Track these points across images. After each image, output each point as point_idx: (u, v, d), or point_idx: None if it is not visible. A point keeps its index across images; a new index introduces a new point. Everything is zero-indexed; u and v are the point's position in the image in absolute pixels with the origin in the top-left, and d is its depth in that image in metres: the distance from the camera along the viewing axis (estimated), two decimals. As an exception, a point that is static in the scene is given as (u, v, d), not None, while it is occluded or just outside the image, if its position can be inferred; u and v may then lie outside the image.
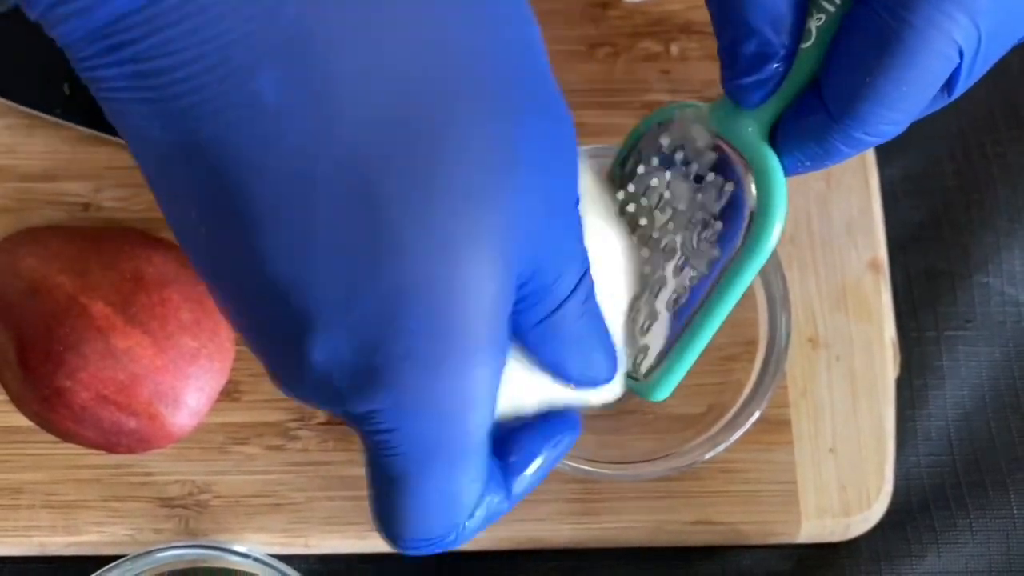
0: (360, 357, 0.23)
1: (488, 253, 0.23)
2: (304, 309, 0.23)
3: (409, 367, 0.23)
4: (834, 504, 0.36)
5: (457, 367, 0.24)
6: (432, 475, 0.25)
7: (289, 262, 0.23)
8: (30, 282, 0.34)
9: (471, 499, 0.26)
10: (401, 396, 0.24)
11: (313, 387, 0.24)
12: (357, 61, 0.22)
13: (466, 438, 0.25)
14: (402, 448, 0.25)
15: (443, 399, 0.24)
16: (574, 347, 0.27)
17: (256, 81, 0.21)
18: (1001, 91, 0.42)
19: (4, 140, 0.39)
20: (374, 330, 0.23)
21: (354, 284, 0.23)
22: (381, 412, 0.24)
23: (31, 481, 0.36)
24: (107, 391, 0.33)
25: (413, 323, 0.23)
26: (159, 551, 0.34)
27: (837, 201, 0.39)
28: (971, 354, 0.39)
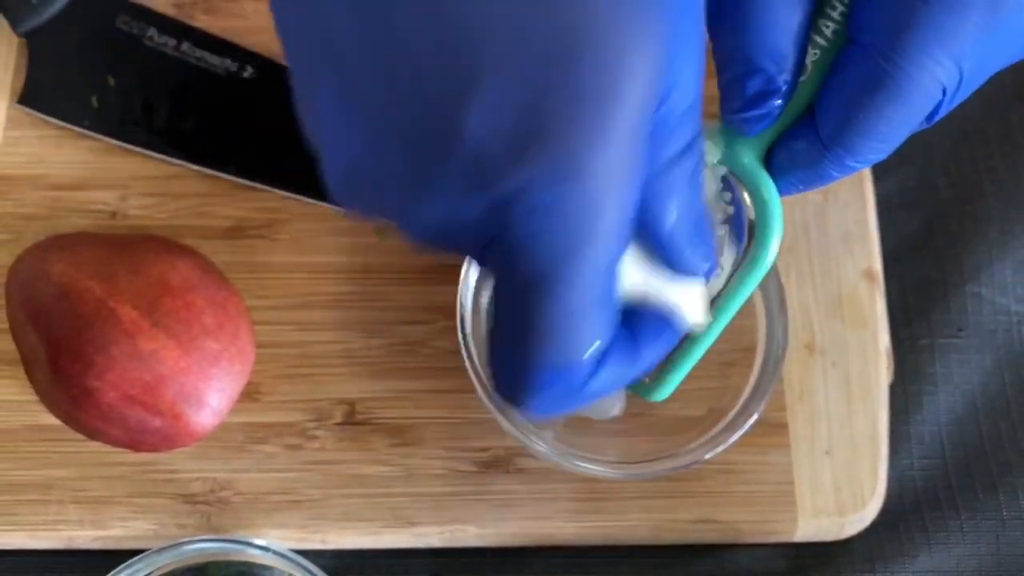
0: (523, 112, 0.23)
1: (649, 27, 0.23)
2: (475, 57, 0.22)
3: (570, 127, 0.23)
4: (830, 504, 0.37)
5: (613, 138, 0.23)
6: (576, 268, 0.24)
7: (464, 8, 0.22)
8: (60, 286, 0.35)
9: (603, 327, 0.26)
10: (559, 160, 0.23)
11: (461, 167, 0.23)
12: None
13: (611, 230, 0.24)
14: (549, 233, 0.24)
15: (595, 169, 0.23)
16: (686, 209, 0.27)
17: None
18: (993, 108, 0.43)
19: (35, 151, 0.40)
20: (542, 82, 0.23)
21: (526, 32, 0.22)
22: (533, 186, 0.23)
23: (60, 477, 0.37)
24: (133, 391, 0.34)
25: (582, 77, 0.23)
26: (183, 544, 0.34)
27: (834, 213, 0.40)
28: (963, 361, 0.40)
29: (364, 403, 0.38)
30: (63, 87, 0.41)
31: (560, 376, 0.26)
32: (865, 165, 0.29)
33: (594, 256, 0.25)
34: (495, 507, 0.36)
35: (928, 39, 0.26)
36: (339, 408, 0.38)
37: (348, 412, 0.38)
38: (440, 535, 0.37)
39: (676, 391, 0.37)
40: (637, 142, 0.24)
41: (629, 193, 0.25)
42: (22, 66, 0.41)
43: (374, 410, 0.38)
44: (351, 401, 0.38)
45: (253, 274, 0.39)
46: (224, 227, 0.40)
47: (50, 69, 0.41)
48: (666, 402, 0.37)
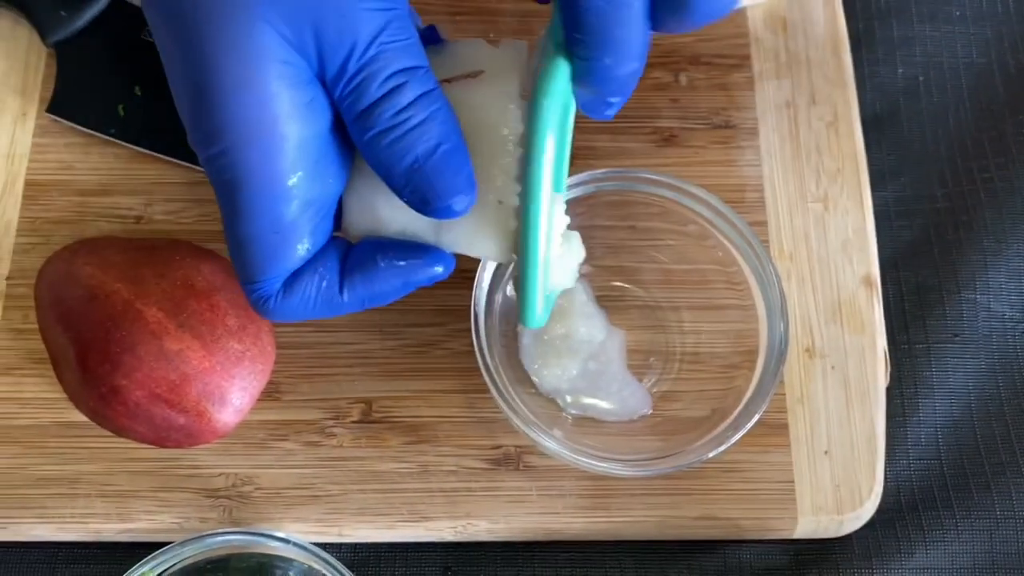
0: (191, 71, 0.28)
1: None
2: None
3: (219, 85, 0.28)
4: (828, 503, 0.37)
5: (259, 85, 0.27)
6: (242, 214, 0.29)
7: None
8: (88, 289, 0.36)
9: (286, 248, 0.29)
10: (221, 114, 0.28)
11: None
12: None
13: (281, 165, 0.28)
14: (227, 169, 0.28)
15: (253, 116, 0.28)
16: (403, 154, 0.28)
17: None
18: (988, 121, 0.44)
19: (63, 157, 0.42)
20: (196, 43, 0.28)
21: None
22: (212, 131, 0.28)
23: (88, 472, 0.38)
24: (159, 390, 0.35)
25: (223, 35, 0.27)
26: (207, 536, 0.36)
27: (833, 221, 0.41)
28: (958, 365, 0.41)
29: (380, 402, 0.39)
30: (90, 96, 0.42)
31: (257, 289, 0.30)
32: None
33: (264, 189, 0.29)
34: (505, 503, 0.38)
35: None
36: (356, 407, 0.39)
37: (365, 411, 0.39)
38: (452, 529, 0.38)
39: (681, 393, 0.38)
40: (260, 96, 0.28)
41: (292, 137, 0.28)
42: (51, 76, 0.42)
43: (389, 409, 0.39)
44: (367, 400, 0.39)
45: None
46: (245, 232, 0.41)
47: (78, 79, 0.42)
48: (671, 403, 0.38)
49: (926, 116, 0.44)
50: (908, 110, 0.44)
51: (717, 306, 0.33)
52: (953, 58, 0.45)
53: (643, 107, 0.42)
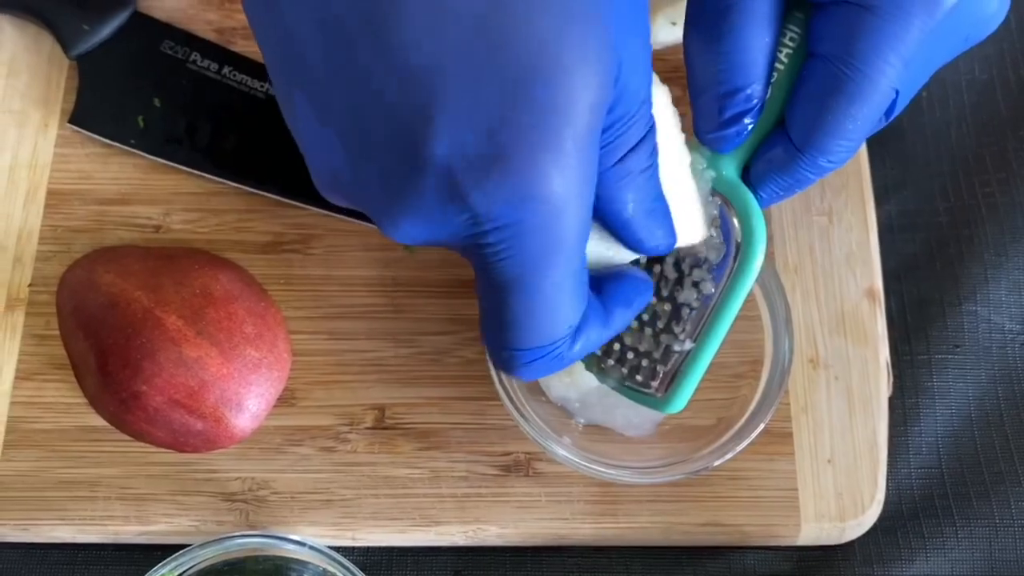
0: (483, 139, 0.25)
1: (594, 49, 0.25)
2: (433, 93, 0.24)
3: (528, 148, 0.25)
4: (831, 510, 0.38)
5: (568, 154, 0.25)
6: (544, 271, 0.27)
7: (424, 44, 0.24)
8: (109, 296, 0.37)
9: (575, 308, 0.28)
10: (518, 180, 0.25)
11: (433, 189, 0.25)
12: None
13: (573, 232, 0.27)
14: (518, 245, 0.26)
15: (554, 184, 0.25)
16: (641, 199, 0.29)
17: None
18: (990, 137, 0.45)
19: (84, 167, 0.42)
20: (498, 109, 0.25)
21: (481, 63, 0.24)
22: (499, 205, 0.25)
23: (107, 475, 0.38)
24: (178, 396, 0.36)
25: (534, 101, 0.25)
26: (224, 539, 0.36)
27: (838, 235, 0.41)
28: (959, 376, 0.41)
29: (393, 409, 0.39)
30: (111, 108, 0.43)
31: (540, 353, 0.29)
32: (836, 165, 0.32)
33: (558, 260, 0.27)
34: (515, 508, 0.38)
35: (879, 44, 0.30)
36: (370, 413, 0.39)
37: (378, 417, 0.39)
38: (463, 534, 0.38)
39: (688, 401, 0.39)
40: (588, 157, 0.26)
41: (585, 201, 0.27)
42: (72, 88, 0.43)
43: (402, 415, 0.39)
44: (381, 407, 0.39)
45: (289, 286, 0.41)
46: (262, 242, 0.42)
47: (99, 91, 0.43)
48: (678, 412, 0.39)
49: (928, 131, 0.45)
50: (911, 125, 0.45)
51: (723, 317, 0.34)
52: (955, 74, 0.46)
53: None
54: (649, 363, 0.34)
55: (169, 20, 0.44)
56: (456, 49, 0.24)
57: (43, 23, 0.44)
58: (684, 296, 0.33)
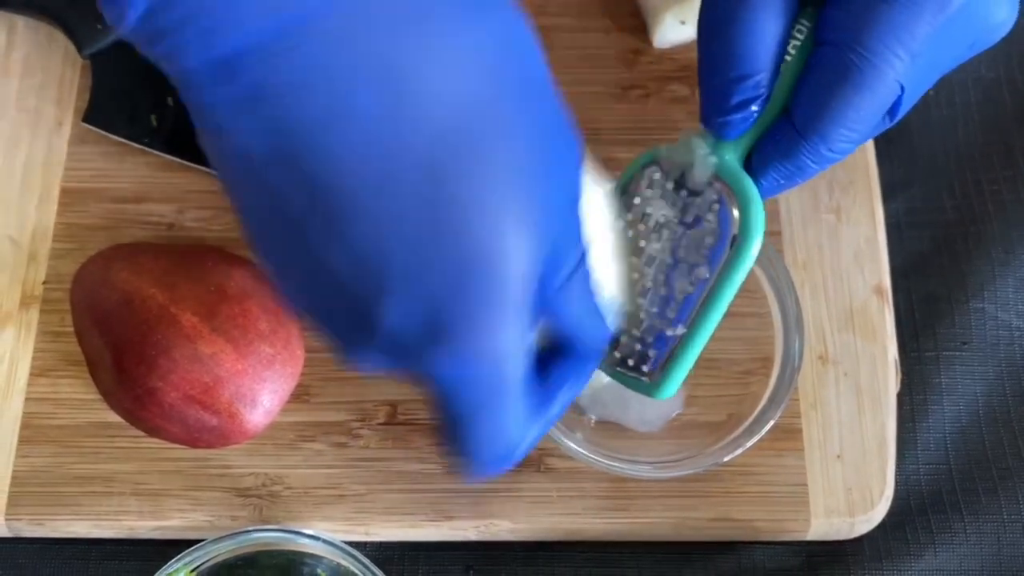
0: (428, 316, 0.27)
1: (529, 233, 0.27)
2: (382, 278, 0.27)
3: (468, 324, 0.27)
4: (841, 505, 0.38)
5: (506, 322, 0.28)
6: (490, 412, 0.29)
7: (374, 240, 0.26)
8: (124, 293, 0.37)
9: (523, 425, 0.30)
10: (461, 348, 0.27)
11: (383, 349, 0.28)
12: (433, 82, 0.26)
13: (515, 376, 0.29)
14: (463, 394, 0.28)
15: (495, 347, 0.28)
16: (583, 311, 0.31)
17: (357, 97, 0.26)
18: (996, 133, 0.45)
19: (98, 166, 0.43)
20: (442, 292, 0.27)
21: (426, 255, 0.27)
22: (442, 364, 0.28)
23: (122, 471, 0.39)
24: (193, 392, 0.36)
25: (473, 287, 0.27)
26: (238, 534, 0.37)
27: (846, 232, 0.42)
28: (967, 373, 0.42)
29: (405, 404, 0.40)
30: (125, 106, 0.43)
31: (495, 462, 0.31)
32: (838, 156, 0.32)
33: (502, 400, 0.29)
34: (527, 503, 0.38)
35: (888, 34, 0.30)
36: (382, 409, 0.40)
37: (391, 413, 0.40)
38: (476, 529, 0.39)
39: (698, 397, 0.39)
40: (524, 316, 0.28)
41: (524, 344, 0.29)
42: (86, 87, 0.43)
43: (415, 411, 0.40)
44: (394, 402, 0.40)
45: None
46: (275, 239, 0.42)
47: (112, 90, 0.43)
48: (689, 407, 0.39)
49: (935, 129, 0.45)
50: (918, 123, 0.45)
51: (734, 313, 0.34)
52: (962, 73, 0.46)
53: (662, 119, 0.43)
54: (641, 348, 0.34)
55: (182, 20, 0.44)
56: (400, 249, 0.27)
57: (56, 23, 0.44)
58: (678, 281, 0.33)
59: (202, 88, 0.26)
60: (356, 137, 0.26)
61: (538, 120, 0.28)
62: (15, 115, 0.43)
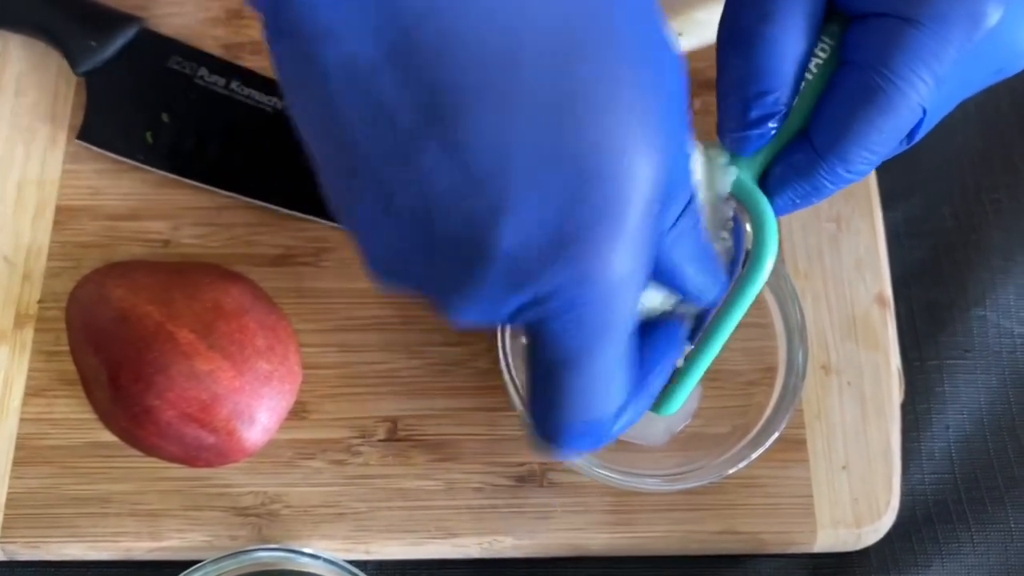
0: (548, 231, 0.25)
1: (650, 149, 0.26)
2: (505, 189, 0.25)
3: (592, 240, 0.26)
4: (847, 516, 0.38)
5: (628, 242, 0.26)
6: (600, 352, 0.27)
7: (496, 143, 0.25)
8: (119, 311, 0.37)
9: (625, 385, 0.29)
10: (585, 266, 0.26)
11: (497, 279, 0.26)
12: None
13: (628, 315, 0.27)
14: (576, 324, 0.27)
15: (616, 271, 0.26)
16: (693, 255, 0.30)
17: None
18: (996, 142, 0.45)
19: (93, 183, 0.42)
20: (562, 205, 0.25)
21: (546, 165, 0.25)
22: (562, 289, 0.26)
23: (118, 491, 0.38)
24: (190, 409, 0.36)
25: (597, 198, 0.25)
26: (239, 554, 0.36)
27: (847, 241, 0.42)
28: (970, 381, 0.41)
29: (405, 420, 0.39)
30: (119, 123, 0.43)
31: (590, 429, 0.29)
32: (855, 176, 0.31)
33: (614, 339, 0.28)
34: (530, 519, 0.38)
35: (915, 58, 0.30)
36: (382, 425, 0.39)
37: (391, 429, 0.39)
38: (479, 546, 0.38)
39: (701, 409, 0.39)
40: (645, 243, 0.27)
41: (639, 282, 0.28)
42: (81, 104, 0.43)
43: (415, 427, 0.39)
44: (393, 419, 0.39)
45: (300, 299, 0.41)
46: (272, 255, 0.42)
47: (107, 106, 0.43)
48: (692, 420, 0.39)
49: (935, 138, 0.44)
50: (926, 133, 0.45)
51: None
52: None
53: (659, 131, 0.43)
54: None
55: (177, 36, 0.44)
56: (521, 152, 0.25)
57: (51, 40, 0.44)
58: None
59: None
60: (477, 20, 0.24)
61: (655, 36, 0.27)
62: (9, 133, 0.43)
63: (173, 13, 0.45)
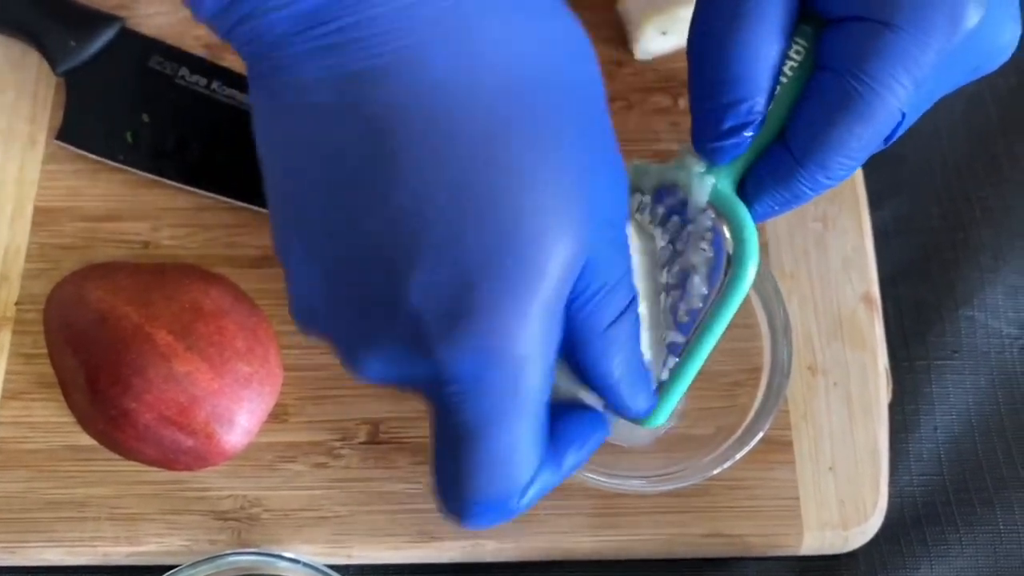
0: (456, 292, 0.26)
1: (568, 229, 0.27)
2: (420, 240, 0.26)
3: (496, 307, 0.26)
4: (834, 518, 0.38)
5: (537, 316, 0.26)
6: (502, 427, 0.27)
7: (421, 196, 0.26)
8: (98, 312, 0.37)
9: (532, 461, 0.28)
10: (484, 335, 0.26)
11: (402, 334, 0.27)
12: (502, 43, 0.27)
13: (534, 391, 0.27)
14: (473, 400, 0.27)
15: (518, 344, 0.26)
16: (625, 367, 0.30)
17: (429, 58, 0.26)
18: (982, 142, 0.45)
19: (72, 184, 0.42)
20: (473, 268, 0.26)
21: (463, 224, 0.26)
22: (460, 356, 0.26)
23: (96, 495, 0.38)
24: (169, 412, 0.35)
25: (506, 269, 0.26)
26: (217, 558, 0.36)
27: (833, 241, 0.41)
28: (958, 381, 0.41)
29: (387, 423, 0.39)
30: (99, 124, 0.42)
31: (491, 506, 0.29)
32: (834, 182, 0.31)
33: (518, 417, 0.28)
34: (513, 522, 0.36)
35: (894, 63, 0.29)
36: (363, 428, 0.39)
37: (372, 432, 0.39)
38: (462, 549, 0.38)
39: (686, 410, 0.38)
40: (552, 323, 0.27)
41: (546, 362, 0.28)
42: (60, 104, 0.43)
43: (397, 429, 0.39)
44: (375, 421, 0.39)
45: (281, 300, 0.39)
46: (252, 256, 0.41)
47: (87, 107, 0.43)
48: (677, 421, 0.38)
49: (921, 138, 0.45)
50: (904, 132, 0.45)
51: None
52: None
53: (644, 130, 0.43)
54: None
55: (157, 36, 0.44)
56: (443, 206, 0.26)
57: (30, 40, 0.43)
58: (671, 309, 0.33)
59: (283, 43, 0.26)
60: (424, 84, 0.26)
61: (595, 119, 0.28)
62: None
63: (154, 13, 0.45)
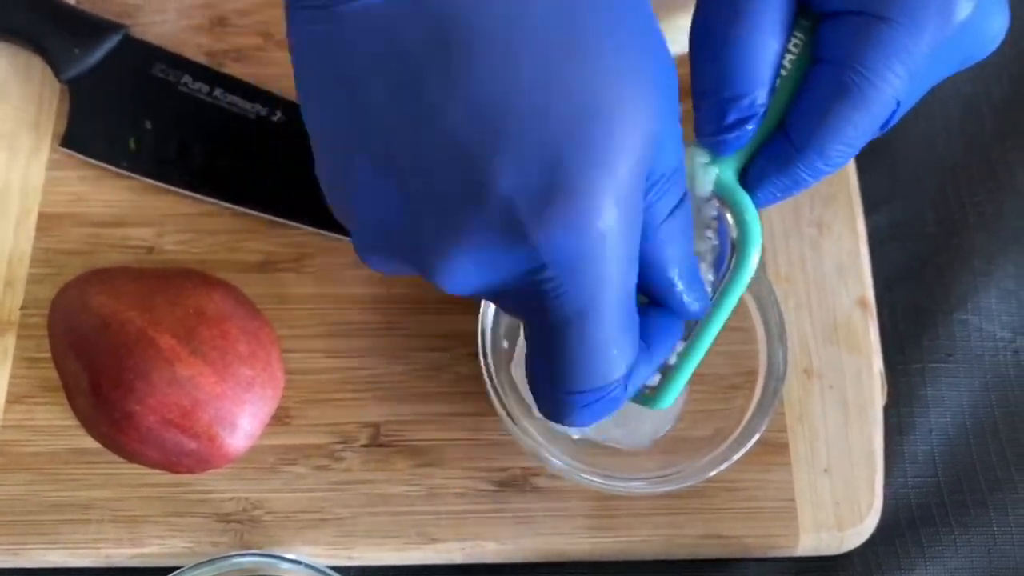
0: (546, 170, 0.26)
1: (643, 100, 0.27)
2: (500, 129, 0.26)
3: (588, 181, 0.26)
4: (829, 519, 0.38)
5: (623, 189, 0.26)
6: (602, 310, 0.27)
7: (497, 82, 0.25)
8: (101, 317, 0.37)
9: (631, 346, 0.29)
10: (580, 212, 0.26)
11: (494, 224, 0.26)
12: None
13: (627, 273, 0.27)
14: (577, 279, 0.27)
15: (613, 219, 0.26)
16: (683, 261, 0.30)
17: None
18: (977, 147, 0.45)
19: (76, 190, 0.42)
20: (560, 144, 0.26)
21: (547, 101, 0.26)
22: (559, 238, 0.26)
23: (99, 498, 0.38)
24: (172, 415, 0.36)
25: (594, 138, 0.26)
26: (219, 559, 0.36)
27: (828, 245, 0.42)
28: (953, 384, 0.42)
29: (388, 426, 0.39)
30: (103, 130, 0.43)
31: (597, 395, 0.29)
32: (833, 168, 0.32)
33: (615, 295, 0.28)
34: (513, 524, 0.38)
35: (889, 54, 0.30)
36: (364, 431, 0.39)
37: (373, 435, 0.39)
38: (461, 551, 0.38)
39: (684, 412, 0.39)
40: (639, 194, 0.28)
41: (635, 239, 0.28)
42: (64, 111, 0.43)
43: (398, 432, 0.39)
44: (376, 424, 0.39)
45: (283, 305, 0.41)
46: (255, 261, 0.42)
47: (90, 114, 0.43)
48: (675, 423, 0.39)
49: (916, 143, 0.45)
50: (899, 137, 0.45)
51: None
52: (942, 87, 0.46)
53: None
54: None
55: (160, 44, 0.44)
56: (523, 87, 0.26)
57: (34, 48, 0.44)
58: None
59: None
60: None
61: (655, 28, 0.28)
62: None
63: (157, 21, 0.45)
